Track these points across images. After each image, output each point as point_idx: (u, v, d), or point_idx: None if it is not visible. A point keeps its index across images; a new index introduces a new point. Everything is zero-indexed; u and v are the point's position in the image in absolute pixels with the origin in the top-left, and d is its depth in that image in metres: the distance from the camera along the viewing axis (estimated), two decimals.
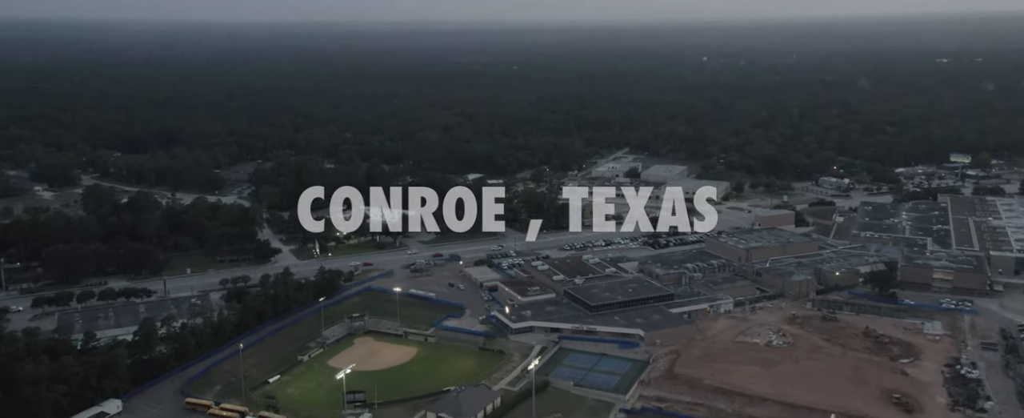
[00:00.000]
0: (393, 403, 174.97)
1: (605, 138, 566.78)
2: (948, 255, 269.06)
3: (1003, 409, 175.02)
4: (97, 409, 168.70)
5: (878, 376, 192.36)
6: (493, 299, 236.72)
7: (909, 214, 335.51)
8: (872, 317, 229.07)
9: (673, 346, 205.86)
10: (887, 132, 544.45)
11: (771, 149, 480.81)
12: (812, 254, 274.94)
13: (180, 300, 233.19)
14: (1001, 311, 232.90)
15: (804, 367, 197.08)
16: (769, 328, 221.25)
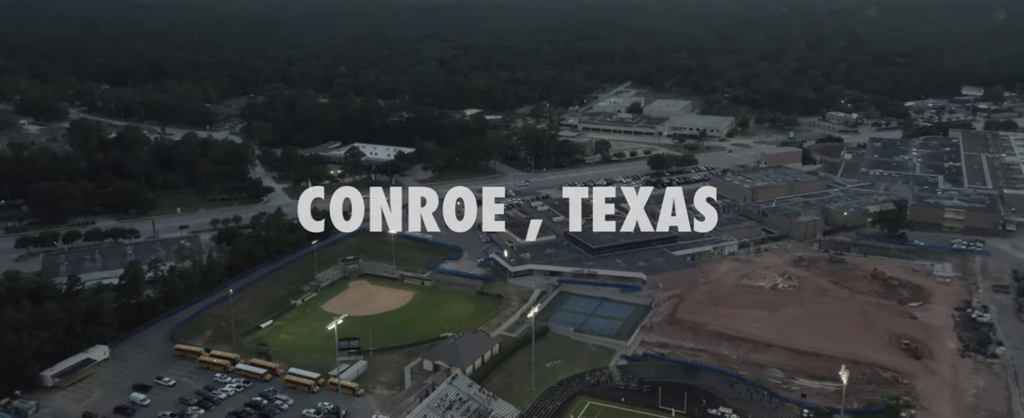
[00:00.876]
0: (388, 350, 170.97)
1: (606, 72, 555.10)
2: (960, 193, 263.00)
3: (1015, 354, 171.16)
4: (83, 356, 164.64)
5: (886, 320, 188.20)
6: (491, 241, 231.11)
7: (919, 151, 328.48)
8: (880, 259, 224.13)
9: (676, 290, 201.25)
10: (896, 64, 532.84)
11: (777, 83, 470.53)
12: (819, 193, 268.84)
13: (169, 241, 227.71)
14: (1014, 252, 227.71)
15: (810, 311, 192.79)
16: (775, 271, 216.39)
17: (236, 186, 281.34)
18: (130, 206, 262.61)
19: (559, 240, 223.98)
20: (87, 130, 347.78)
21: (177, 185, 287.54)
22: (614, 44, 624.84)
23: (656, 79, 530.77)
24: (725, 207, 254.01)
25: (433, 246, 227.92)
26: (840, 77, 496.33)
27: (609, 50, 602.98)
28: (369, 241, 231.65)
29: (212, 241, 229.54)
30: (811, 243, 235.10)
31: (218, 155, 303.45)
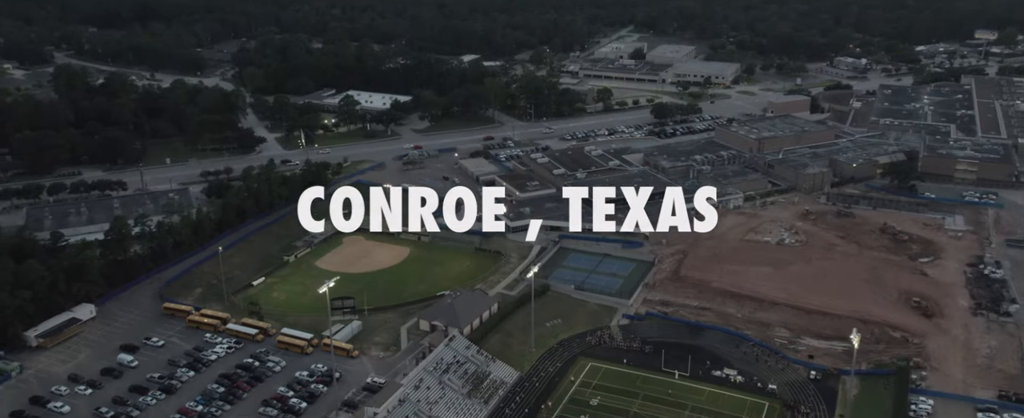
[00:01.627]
0: (384, 310, 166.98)
1: (608, 15, 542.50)
2: (973, 143, 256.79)
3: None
4: (68, 315, 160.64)
5: (896, 277, 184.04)
6: None
7: (931, 98, 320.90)
8: (890, 212, 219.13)
9: (679, 246, 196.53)
10: (907, 6, 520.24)
11: (784, 27, 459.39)
12: (827, 144, 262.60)
13: (157, 194, 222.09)
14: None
15: (817, 268, 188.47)
16: (781, 225, 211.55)
17: (227, 136, 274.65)
18: (118, 156, 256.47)
19: (559, 193, 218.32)
20: (72, 76, 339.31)
21: (167, 134, 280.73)
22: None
23: (659, 23, 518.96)
24: (730, 159, 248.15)
25: None
26: (849, 20, 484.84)
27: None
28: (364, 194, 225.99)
29: (202, 194, 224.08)
30: (818, 196, 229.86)
31: (208, 103, 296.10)
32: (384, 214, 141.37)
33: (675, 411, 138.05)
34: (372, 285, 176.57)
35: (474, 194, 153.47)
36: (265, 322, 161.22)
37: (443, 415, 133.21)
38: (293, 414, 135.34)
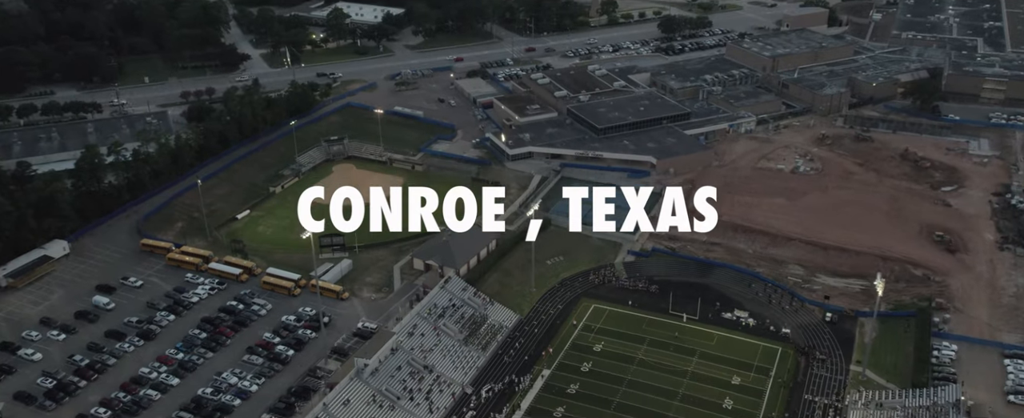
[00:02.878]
0: (375, 247, 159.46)
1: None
2: (1002, 59, 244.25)
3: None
4: (39, 252, 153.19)
5: (917, 208, 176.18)
6: (487, 118, 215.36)
7: (956, 9, 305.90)
8: (911, 136, 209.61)
9: (688, 175, 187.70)
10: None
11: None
12: (845, 61, 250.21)
13: (134, 118, 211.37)
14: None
15: (834, 199, 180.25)
16: (795, 151, 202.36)
17: (209, 52, 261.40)
18: (92, 74, 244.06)
19: (561, 117, 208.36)
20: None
21: (144, 50, 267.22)
22: None
23: None
24: (742, 78, 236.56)
25: (424, 124, 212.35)
26: None
27: None
28: (354, 118, 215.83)
29: (182, 117, 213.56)
30: (835, 118, 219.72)
31: (188, 16, 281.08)
32: (384, 214, 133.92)
33: (682, 358, 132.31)
34: (364, 225, 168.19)
35: (474, 196, 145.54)
36: (249, 261, 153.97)
37: (438, 364, 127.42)
38: (279, 362, 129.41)
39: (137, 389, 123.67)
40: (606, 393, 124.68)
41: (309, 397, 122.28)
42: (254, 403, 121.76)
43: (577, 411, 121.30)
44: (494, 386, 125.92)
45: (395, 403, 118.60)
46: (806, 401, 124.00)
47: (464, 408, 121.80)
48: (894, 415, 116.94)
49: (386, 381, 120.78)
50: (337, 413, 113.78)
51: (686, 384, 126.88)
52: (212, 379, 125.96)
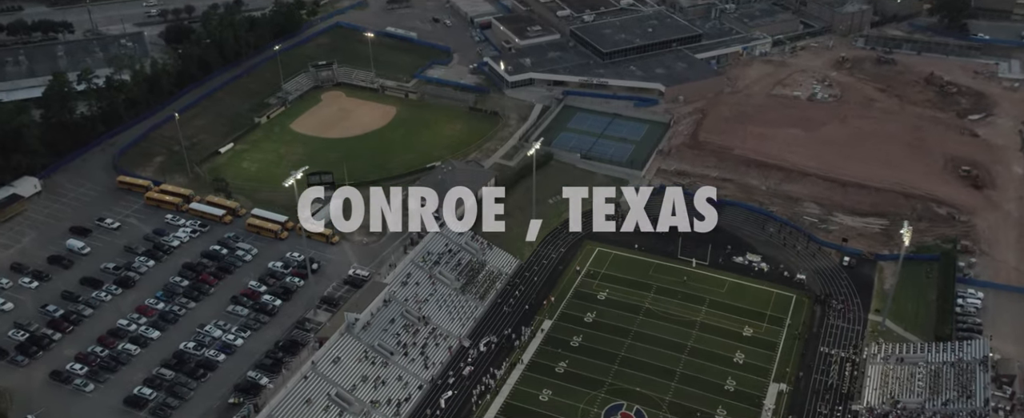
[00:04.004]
0: (368, 185, 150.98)
1: None
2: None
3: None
4: (8, 191, 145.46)
5: (942, 139, 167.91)
6: (485, 39, 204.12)
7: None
8: (937, 58, 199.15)
9: (698, 103, 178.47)
10: None
11: None
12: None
13: (108, 40, 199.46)
14: None
15: (854, 129, 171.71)
16: (813, 76, 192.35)
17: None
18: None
19: (564, 40, 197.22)
20: None
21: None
22: None
23: None
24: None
25: (419, 46, 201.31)
26: None
27: None
28: (343, 40, 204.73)
29: (160, 38, 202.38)
30: (856, 38, 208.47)
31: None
32: (384, 215, 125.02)
33: (691, 307, 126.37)
34: (354, 153, 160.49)
35: (473, 194, 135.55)
36: (233, 201, 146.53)
37: (434, 316, 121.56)
38: (266, 313, 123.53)
39: (115, 342, 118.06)
40: (611, 346, 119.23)
41: (297, 351, 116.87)
42: (239, 358, 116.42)
43: (580, 366, 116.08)
44: (493, 339, 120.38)
45: (388, 359, 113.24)
46: (822, 354, 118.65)
47: (461, 362, 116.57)
48: (916, 371, 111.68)
49: (378, 336, 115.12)
50: (327, 371, 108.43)
51: (695, 336, 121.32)
52: (195, 332, 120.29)
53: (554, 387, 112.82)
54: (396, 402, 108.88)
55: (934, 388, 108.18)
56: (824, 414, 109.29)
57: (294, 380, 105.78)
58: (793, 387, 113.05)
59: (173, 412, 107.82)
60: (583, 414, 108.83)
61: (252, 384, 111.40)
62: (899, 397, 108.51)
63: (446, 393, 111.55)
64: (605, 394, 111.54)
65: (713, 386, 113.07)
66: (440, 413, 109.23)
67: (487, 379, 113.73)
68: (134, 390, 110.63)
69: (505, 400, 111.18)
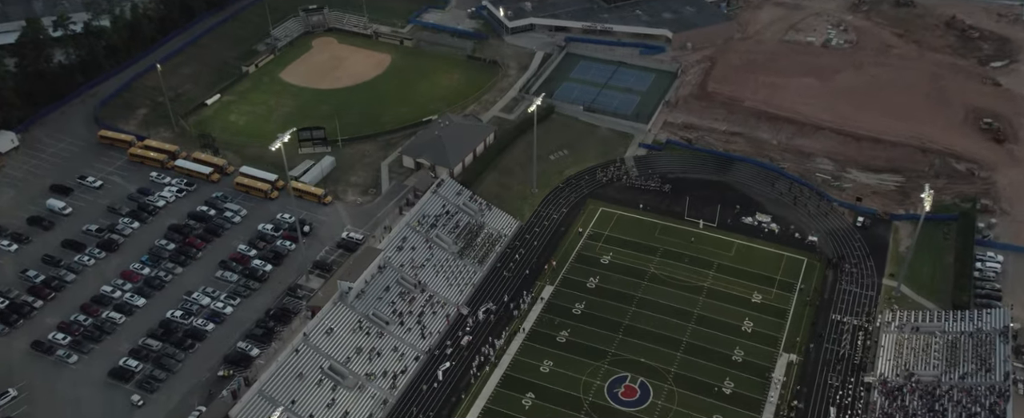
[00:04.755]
0: (360, 140, 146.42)
1: None
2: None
3: None
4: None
5: (962, 88, 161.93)
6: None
7: None
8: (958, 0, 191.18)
9: (707, 51, 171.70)
10: None
11: None
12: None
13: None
14: None
15: (870, 78, 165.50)
16: (827, 20, 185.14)
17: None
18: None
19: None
20: None
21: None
22: None
23: None
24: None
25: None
26: None
27: None
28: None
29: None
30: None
31: None
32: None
33: (698, 272, 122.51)
34: (346, 106, 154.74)
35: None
36: (221, 158, 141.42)
37: (431, 282, 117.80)
38: (256, 280, 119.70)
39: (99, 310, 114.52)
40: (614, 314, 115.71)
41: (289, 320, 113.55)
42: (229, 327, 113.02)
43: (582, 335, 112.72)
44: (491, 306, 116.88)
45: (383, 329, 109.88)
46: (833, 322, 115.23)
47: (459, 331, 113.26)
48: (932, 341, 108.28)
49: (373, 305, 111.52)
50: (319, 343, 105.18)
51: (702, 303, 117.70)
52: (182, 299, 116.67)
53: (555, 358, 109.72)
54: (392, 375, 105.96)
55: (951, 360, 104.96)
56: (835, 386, 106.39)
57: (285, 353, 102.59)
58: (803, 358, 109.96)
59: (160, 385, 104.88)
60: (585, 387, 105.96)
61: (242, 355, 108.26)
62: (914, 369, 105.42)
63: (444, 364, 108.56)
64: (608, 365, 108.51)
65: (720, 357, 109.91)
66: (437, 386, 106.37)
67: (486, 349, 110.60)
68: (119, 361, 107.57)
69: (505, 372, 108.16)
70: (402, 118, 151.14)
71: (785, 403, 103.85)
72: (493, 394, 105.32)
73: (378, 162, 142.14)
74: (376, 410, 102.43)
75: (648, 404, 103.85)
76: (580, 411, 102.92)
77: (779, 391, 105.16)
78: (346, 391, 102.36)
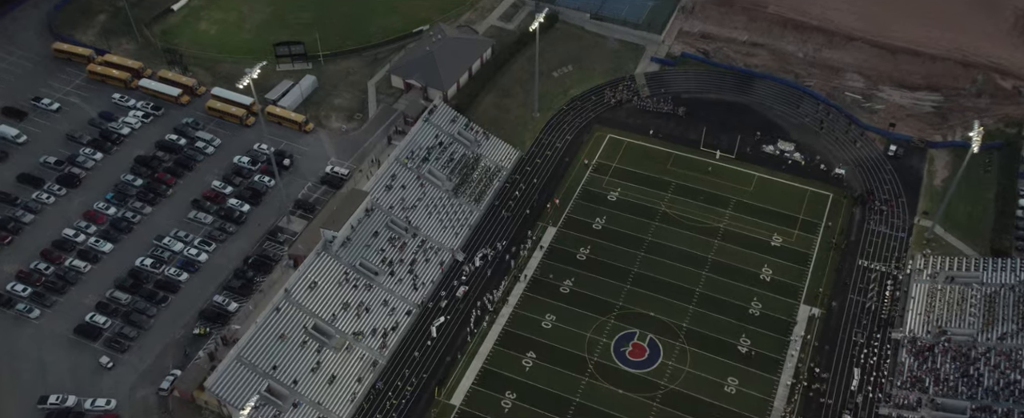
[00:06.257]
0: (344, 56, 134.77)
1: None
2: None
3: None
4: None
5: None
6: None
7: None
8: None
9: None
10: None
11: None
12: None
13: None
14: None
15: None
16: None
17: None
18: None
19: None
20: None
21: None
22: None
23: None
24: None
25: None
26: None
27: None
28: None
29: None
30: None
31: None
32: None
33: (713, 211, 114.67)
34: (328, 15, 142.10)
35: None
36: (189, 78, 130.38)
37: (424, 225, 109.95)
38: (232, 222, 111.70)
39: (61, 257, 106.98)
40: (622, 260, 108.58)
41: (270, 269, 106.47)
42: (204, 277, 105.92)
43: (587, 285, 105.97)
44: (489, 251, 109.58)
45: (372, 280, 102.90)
46: (859, 269, 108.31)
47: (455, 281, 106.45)
48: (968, 293, 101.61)
49: (360, 253, 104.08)
50: (303, 300, 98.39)
51: (717, 247, 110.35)
52: (152, 245, 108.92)
53: (558, 312, 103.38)
54: (382, 332, 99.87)
55: (989, 316, 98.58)
56: (859, 344, 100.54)
57: (266, 313, 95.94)
58: (826, 311, 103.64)
59: (130, 344, 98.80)
60: (590, 345, 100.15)
61: (219, 311, 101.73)
62: (946, 325, 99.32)
63: (438, 319, 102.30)
64: (615, 321, 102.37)
65: (736, 310, 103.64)
66: (431, 344, 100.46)
67: (484, 300, 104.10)
68: (86, 317, 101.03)
69: (503, 327, 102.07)
70: (390, 28, 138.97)
71: (805, 366, 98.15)
72: (491, 353, 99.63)
73: (364, 81, 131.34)
74: (365, 373, 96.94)
75: (658, 365, 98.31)
76: (584, 373, 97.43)
77: (798, 353, 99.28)
78: (332, 353, 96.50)
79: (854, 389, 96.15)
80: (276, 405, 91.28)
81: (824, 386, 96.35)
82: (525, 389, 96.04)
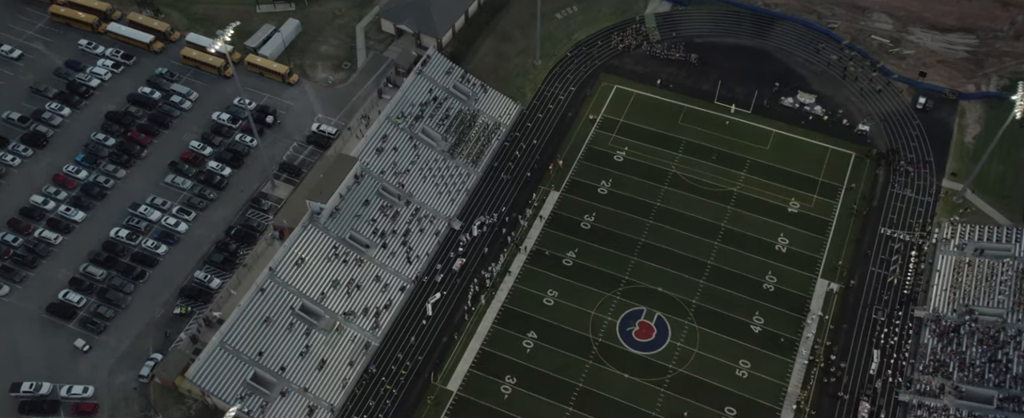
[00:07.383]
0: None
1: None
2: None
3: None
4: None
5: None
6: None
7: None
8: None
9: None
10: None
11: None
12: None
13: None
14: None
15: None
16: None
17: None
18: None
19: None
20: None
21: None
22: None
23: None
24: None
25: None
26: None
27: None
28: None
29: None
30: None
31: None
32: None
33: (727, 174, 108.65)
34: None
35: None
36: (162, 22, 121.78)
37: (418, 191, 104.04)
38: (212, 187, 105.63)
39: (30, 227, 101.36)
40: (629, 229, 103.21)
41: (254, 241, 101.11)
42: (184, 250, 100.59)
43: (591, 257, 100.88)
44: (487, 219, 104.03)
45: (363, 254, 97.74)
46: (882, 238, 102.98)
47: (451, 252, 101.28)
48: (998, 268, 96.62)
49: (350, 224, 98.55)
50: (289, 278, 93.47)
51: (730, 214, 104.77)
52: (127, 213, 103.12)
53: (561, 287, 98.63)
54: (374, 311, 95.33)
55: (1020, 295, 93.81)
56: (880, 323, 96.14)
57: (250, 294, 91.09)
58: (845, 286, 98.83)
59: (107, 324, 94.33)
60: (595, 324, 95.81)
61: (201, 288, 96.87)
62: (974, 303, 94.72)
63: (434, 296, 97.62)
64: (621, 297, 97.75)
65: (750, 285, 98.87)
66: (427, 322, 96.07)
67: (483, 274, 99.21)
68: (59, 294, 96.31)
69: (503, 304, 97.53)
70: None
71: (821, 348, 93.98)
72: (490, 333, 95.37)
73: (352, 25, 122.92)
74: (357, 356, 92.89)
75: (666, 346, 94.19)
76: (588, 356, 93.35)
77: (814, 334, 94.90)
78: (322, 335, 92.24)
79: (873, 373, 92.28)
80: (263, 394, 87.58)
81: (840, 371, 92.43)
82: (525, 373, 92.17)
